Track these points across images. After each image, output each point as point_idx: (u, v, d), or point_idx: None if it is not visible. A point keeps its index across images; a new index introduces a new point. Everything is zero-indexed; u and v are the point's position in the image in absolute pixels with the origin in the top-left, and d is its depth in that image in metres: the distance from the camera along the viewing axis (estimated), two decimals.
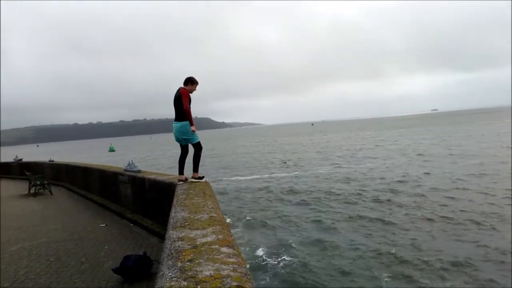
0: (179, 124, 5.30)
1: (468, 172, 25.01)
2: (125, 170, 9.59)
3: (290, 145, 69.17)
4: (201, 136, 5.71)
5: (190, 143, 5.50)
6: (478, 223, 14.16)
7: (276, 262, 11.87)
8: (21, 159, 25.08)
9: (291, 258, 12.11)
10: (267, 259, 12.22)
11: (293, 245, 13.34)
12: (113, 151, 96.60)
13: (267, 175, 31.16)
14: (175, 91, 5.39)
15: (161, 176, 7.78)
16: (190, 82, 5.30)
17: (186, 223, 3.21)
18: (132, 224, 8.55)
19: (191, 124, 5.29)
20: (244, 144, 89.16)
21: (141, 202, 8.63)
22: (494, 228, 13.50)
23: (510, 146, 36.29)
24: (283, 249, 12.99)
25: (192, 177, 5.85)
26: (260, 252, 12.90)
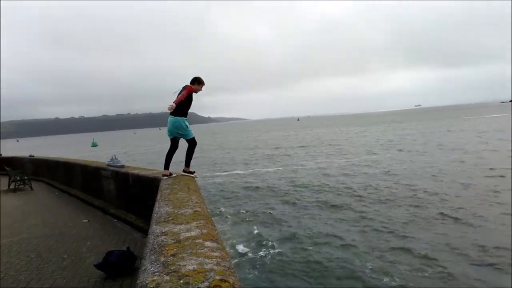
0: (174, 118, 5.25)
1: (447, 167, 25.59)
2: (108, 165, 9.46)
3: (275, 140, 69.36)
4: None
5: (184, 138, 5.50)
6: (454, 218, 14.52)
7: (259, 256, 11.95)
8: (0, 154, 24.47)
9: (274, 252, 12.22)
10: (251, 253, 12.29)
11: (276, 239, 13.44)
12: (96, 146, 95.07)
13: (250, 170, 31.21)
14: (177, 87, 5.36)
15: (145, 171, 7.70)
16: (197, 82, 5.31)
17: (170, 218, 3.19)
18: (115, 220, 8.46)
19: (175, 102, 5.00)
20: (229, 139, 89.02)
21: (124, 197, 8.53)
22: (468, 222, 13.85)
23: None
24: (266, 243, 13.08)
25: (184, 171, 5.88)
26: (244, 246, 12.96)
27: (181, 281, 1.88)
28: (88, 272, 5.27)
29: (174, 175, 5.81)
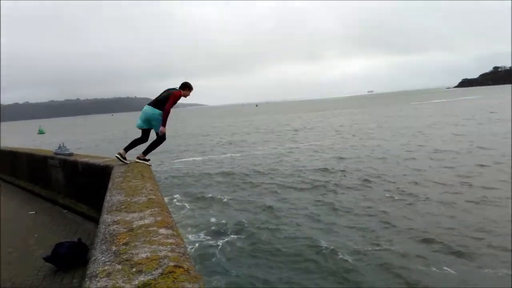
0: (152, 110, 5.23)
1: (396, 150, 26.97)
2: (55, 153, 8.99)
3: (233, 126, 69.27)
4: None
5: (155, 130, 5.45)
6: (400, 199, 15.43)
7: (219, 243, 12.05)
8: None
9: (234, 238, 12.39)
10: (211, 240, 12.35)
11: (235, 225, 13.58)
12: (43, 133, 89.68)
13: (207, 157, 31.04)
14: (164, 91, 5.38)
15: (95, 159, 7.40)
16: (187, 88, 5.44)
17: (123, 206, 3.11)
18: (65, 210, 8.10)
19: (163, 125, 5.28)
20: (185, 125, 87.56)
21: (74, 186, 8.17)
22: (412, 202, 14.76)
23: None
24: (225, 230, 13.20)
25: (138, 157, 5.73)
26: (203, 234, 12.98)
27: (134, 270, 1.86)
28: (37, 265, 5.03)
29: (128, 162, 5.65)
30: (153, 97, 5.55)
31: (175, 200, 17.57)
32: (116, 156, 5.70)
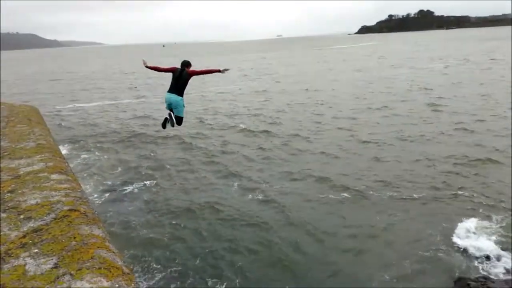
0: (179, 98, 5.51)
1: (297, 96, 28.47)
2: None
3: (136, 68, 64.80)
4: (25, 56, 4.83)
5: (177, 114, 5.53)
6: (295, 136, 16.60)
7: (126, 190, 11.90)
8: None
9: (139, 185, 12.28)
10: (117, 187, 12.09)
11: (139, 172, 13.47)
12: None
13: (114, 102, 29.01)
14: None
15: None
16: (190, 65, 5.67)
17: (6, 153, 2.81)
18: None
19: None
20: (82, 67, 79.27)
21: None
22: (308, 142, 16.09)
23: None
24: (133, 174, 13.00)
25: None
26: (110, 180, 12.57)
27: (22, 217, 1.75)
28: None
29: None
30: (41, 32, 4.83)
31: (73, 146, 16.18)
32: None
